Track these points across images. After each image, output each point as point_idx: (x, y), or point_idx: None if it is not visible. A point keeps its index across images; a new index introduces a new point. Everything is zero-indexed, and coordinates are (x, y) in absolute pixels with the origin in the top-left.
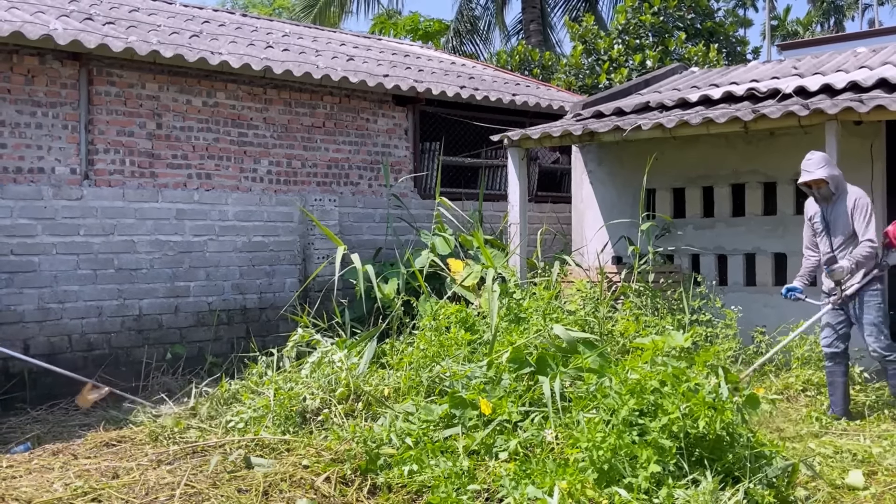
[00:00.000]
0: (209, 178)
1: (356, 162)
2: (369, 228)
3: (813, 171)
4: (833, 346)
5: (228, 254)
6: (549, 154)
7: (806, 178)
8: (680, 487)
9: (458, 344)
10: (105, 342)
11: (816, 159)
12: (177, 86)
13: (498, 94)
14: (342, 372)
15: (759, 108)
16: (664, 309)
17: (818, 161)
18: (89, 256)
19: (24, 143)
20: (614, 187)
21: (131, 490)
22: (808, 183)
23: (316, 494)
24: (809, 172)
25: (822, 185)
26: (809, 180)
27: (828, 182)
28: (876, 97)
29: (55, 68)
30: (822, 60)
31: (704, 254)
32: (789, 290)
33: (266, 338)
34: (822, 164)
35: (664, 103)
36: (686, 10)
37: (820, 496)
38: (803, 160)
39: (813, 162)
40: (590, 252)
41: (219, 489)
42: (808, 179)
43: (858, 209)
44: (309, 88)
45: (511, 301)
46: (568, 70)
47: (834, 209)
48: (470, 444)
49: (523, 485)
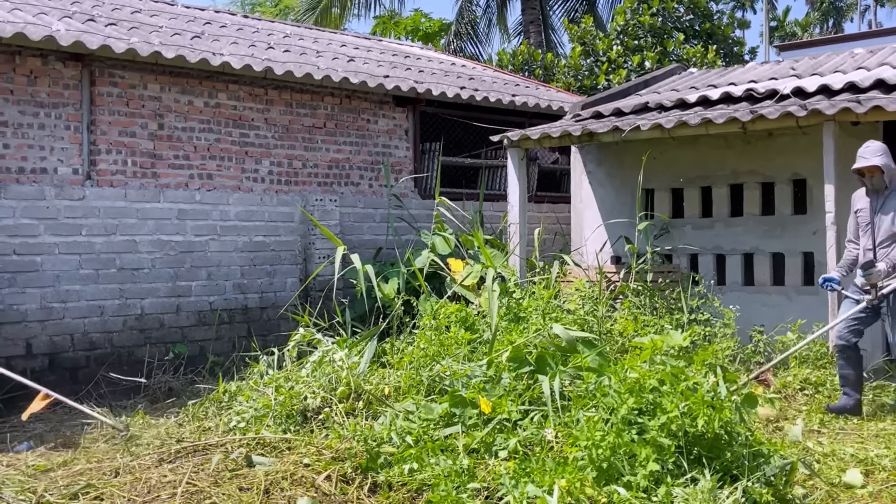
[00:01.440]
0: (211, 178)
1: (357, 162)
2: (370, 228)
3: (869, 159)
4: (844, 338)
5: (230, 253)
6: (549, 154)
7: (861, 165)
8: (678, 486)
9: (458, 343)
10: (107, 341)
11: (874, 147)
12: (178, 86)
13: (497, 95)
14: (343, 371)
15: (757, 108)
16: (663, 308)
17: (876, 149)
18: (91, 256)
19: (27, 144)
20: (613, 187)
21: (133, 488)
22: (862, 170)
23: (317, 492)
24: (865, 159)
25: (875, 174)
26: (864, 167)
27: (883, 171)
28: (873, 98)
29: (58, 69)
30: (819, 61)
31: (703, 254)
32: (826, 280)
33: (267, 337)
34: (879, 153)
35: (663, 104)
36: (685, 12)
37: (818, 494)
38: (861, 148)
39: (871, 150)
40: (589, 252)
41: (220, 487)
42: (862, 166)
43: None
44: (310, 89)
45: (511, 300)
46: (567, 71)
47: (884, 204)
48: (470, 442)
49: (523, 483)
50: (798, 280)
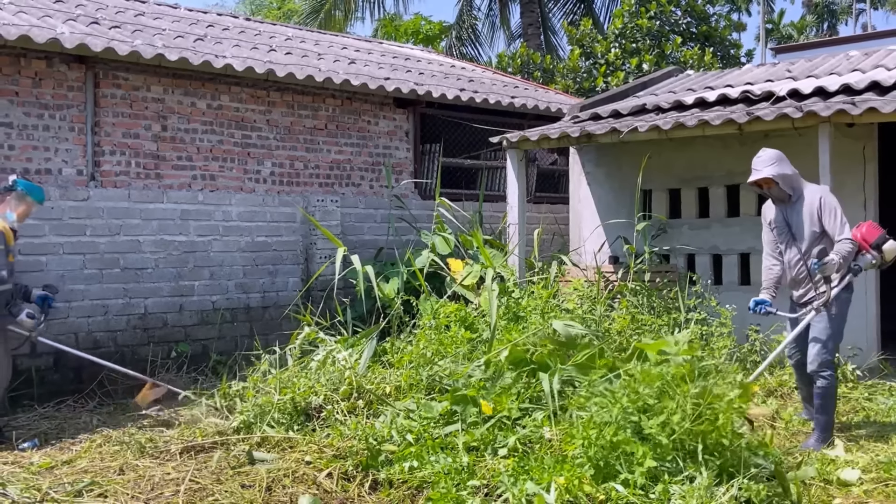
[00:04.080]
0: (213, 179)
1: (358, 163)
2: (371, 229)
3: (760, 170)
4: (794, 357)
5: (232, 253)
6: (548, 155)
7: (753, 178)
8: (676, 483)
9: (458, 342)
10: (111, 340)
11: (766, 157)
12: (181, 88)
13: (497, 97)
14: (346, 371)
15: (753, 110)
16: (660, 307)
17: (768, 159)
18: (95, 256)
19: (32, 145)
20: (611, 188)
21: (137, 485)
22: (758, 183)
23: (318, 490)
24: (757, 171)
25: (771, 186)
26: (757, 179)
27: (777, 182)
28: (868, 100)
29: (62, 71)
30: (815, 63)
31: (700, 253)
32: (758, 303)
33: (269, 336)
34: (771, 162)
35: (660, 106)
36: (682, 15)
37: (813, 491)
38: (754, 158)
39: (762, 160)
40: (587, 252)
41: (223, 485)
42: (754, 179)
43: (827, 209)
44: (311, 91)
45: (510, 300)
46: (565, 73)
47: (794, 211)
48: (470, 440)
49: (522, 481)
50: None
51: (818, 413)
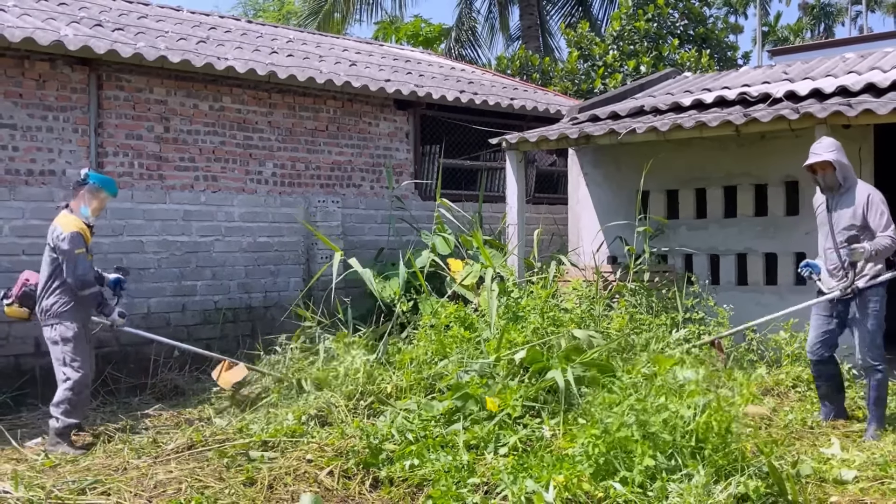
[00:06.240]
0: (215, 180)
1: (359, 164)
2: (371, 229)
3: (821, 154)
4: (816, 353)
5: (234, 254)
6: (546, 157)
7: (812, 160)
8: (674, 481)
9: (458, 342)
10: (114, 339)
11: (826, 143)
12: (184, 90)
13: (496, 99)
14: (360, 374)
15: (750, 111)
16: (658, 307)
17: (828, 145)
18: (99, 256)
19: (36, 146)
20: (609, 189)
21: (140, 483)
22: (814, 167)
23: (319, 488)
24: (817, 155)
25: (827, 170)
26: (815, 162)
27: (835, 168)
28: (864, 101)
29: (66, 73)
30: (811, 66)
31: (697, 254)
32: (808, 265)
33: (271, 335)
34: (831, 149)
35: (658, 107)
36: (679, 17)
37: (810, 489)
38: (813, 144)
39: (823, 145)
40: (586, 252)
41: (225, 483)
42: (813, 161)
43: (873, 205)
44: (312, 93)
45: (509, 300)
46: (564, 75)
47: (840, 201)
48: (471, 438)
49: (521, 479)
50: (790, 280)
51: (874, 405)
